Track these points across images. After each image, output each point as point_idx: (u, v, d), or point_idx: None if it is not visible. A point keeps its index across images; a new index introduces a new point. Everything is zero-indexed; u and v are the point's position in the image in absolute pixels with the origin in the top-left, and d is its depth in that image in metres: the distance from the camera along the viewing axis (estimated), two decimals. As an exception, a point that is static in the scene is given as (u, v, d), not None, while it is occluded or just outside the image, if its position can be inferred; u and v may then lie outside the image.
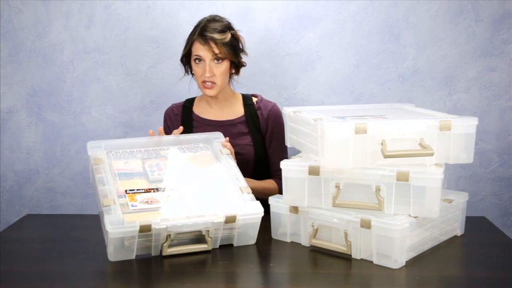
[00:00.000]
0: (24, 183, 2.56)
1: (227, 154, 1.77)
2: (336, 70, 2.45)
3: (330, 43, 2.43)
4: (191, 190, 1.62)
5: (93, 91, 2.49)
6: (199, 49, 1.94)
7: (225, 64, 1.95)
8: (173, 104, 2.13)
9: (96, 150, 1.70)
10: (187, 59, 2.03)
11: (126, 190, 1.58)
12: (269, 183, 2.02)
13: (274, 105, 2.09)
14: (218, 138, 1.84)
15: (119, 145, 1.74)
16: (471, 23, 2.38)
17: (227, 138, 1.86)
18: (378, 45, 2.42)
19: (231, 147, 1.84)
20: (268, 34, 2.43)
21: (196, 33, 1.95)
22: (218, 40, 1.92)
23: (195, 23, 2.29)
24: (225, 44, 1.93)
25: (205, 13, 2.14)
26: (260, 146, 2.05)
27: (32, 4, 2.44)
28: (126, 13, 2.44)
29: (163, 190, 1.60)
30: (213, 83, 1.95)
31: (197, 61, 1.95)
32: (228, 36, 1.94)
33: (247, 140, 2.04)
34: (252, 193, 1.65)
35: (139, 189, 1.59)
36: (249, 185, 1.72)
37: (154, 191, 1.60)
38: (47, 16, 2.45)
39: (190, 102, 2.13)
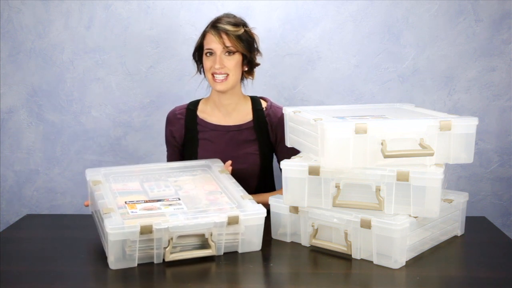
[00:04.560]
0: (24, 183, 2.56)
1: (226, 174, 1.77)
2: (336, 70, 2.45)
3: (330, 43, 2.43)
4: (193, 199, 1.62)
5: (93, 91, 2.49)
6: (210, 41, 1.90)
7: (237, 58, 1.90)
8: (176, 108, 2.06)
9: (94, 175, 1.74)
10: (199, 54, 1.98)
11: (125, 202, 1.58)
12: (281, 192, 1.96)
13: None
14: (218, 165, 1.83)
15: (117, 172, 1.78)
16: (471, 23, 2.38)
17: (230, 161, 1.84)
18: (378, 45, 2.42)
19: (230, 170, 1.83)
20: (268, 34, 2.43)
21: (209, 25, 1.93)
22: (230, 31, 1.88)
23: (195, 23, 2.29)
24: (237, 37, 1.89)
25: (205, 13, 2.14)
26: (266, 155, 2.00)
27: (32, 4, 2.44)
28: (126, 13, 2.44)
29: (164, 200, 1.60)
30: (225, 75, 1.89)
31: (208, 54, 1.91)
32: (241, 30, 1.90)
33: (253, 148, 1.98)
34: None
35: (139, 200, 1.59)
36: (260, 199, 1.74)
37: (154, 202, 1.60)
38: (47, 16, 2.45)
39: (194, 105, 2.05)
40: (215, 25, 1.91)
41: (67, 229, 1.83)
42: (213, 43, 1.89)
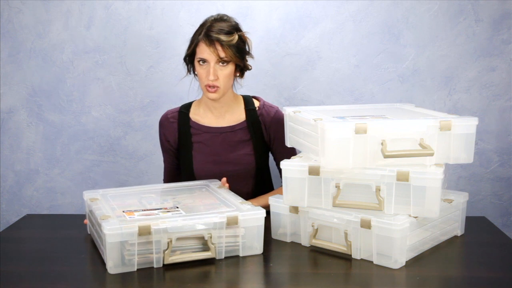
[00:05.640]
0: (24, 183, 2.56)
1: (224, 189, 1.78)
2: (336, 70, 2.45)
3: (330, 43, 2.43)
4: (191, 208, 1.61)
5: (93, 91, 2.49)
6: (203, 51, 1.83)
7: (230, 67, 1.85)
8: (168, 111, 2.04)
9: (92, 194, 1.75)
10: (190, 58, 1.92)
11: (123, 211, 1.57)
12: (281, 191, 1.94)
13: (277, 111, 1.99)
14: (216, 183, 1.84)
15: (115, 192, 1.79)
16: (471, 23, 2.38)
17: (225, 178, 1.84)
18: (378, 45, 2.42)
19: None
20: (268, 34, 2.43)
21: (202, 33, 1.84)
22: (224, 42, 1.81)
23: (195, 23, 2.29)
24: (231, 46, 1.82)
25: (205, 13, 2.13)
26: (262, 155, 1.99)
27: (32, 4, 2.45)
28: (126, 13, 2.44)
29: (162, 209, 1.60)
30: (216, 87, 1.85)
31: (201, 62, 1.85)
32: (235, 38, 1.84)
33: (248, 148, 1.97)
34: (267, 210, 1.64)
35: (137, 210, 1.59)
36: (260, 203, 1.76)
37: (152, 210, 1.59)
38: (47, 16, 2.45)
39: (186, 108, 2.02)
40: (208, 34, 1.83)
41: (67, 229, 1.83)
42: (206, 53, 1.83)
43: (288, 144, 1.81)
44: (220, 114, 1.99)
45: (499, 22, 2.37)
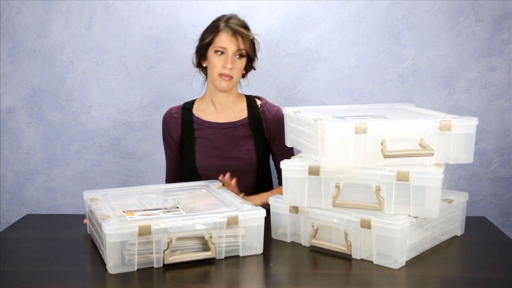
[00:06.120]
0: (24, 183, 2.56)
1: (225, 189, 1.78)
2: (336, 70, 2.45)
3: (330, 43, 2.43)
4: (191, 209, 1.61)
5: (93, 91, 2.49)
6: (224, 40, 1.89)
7: (244, 61, 1.93)
8: (171, 108, 2.07)
9: (92, 194, 1.75)
10: (204, 50, 1.95)
11: (123, 211, 1.57)
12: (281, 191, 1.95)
13: (278, 110, 2.03)
14: (216, 184, 1.85)
15: (115, 192, 1.78)
16: (471, 23, 2.38)
17: (228, 173, 1.86)
18: (378, 45, 2.42)
19: (235, 183, 1.84)
20: (268, 34, 2.43)
21: (222, 24, 1.91)
22: (245, 35, 1.90)
23: (195, 23, 2.28)
24: (249, 41, 1.92)
25: (205, 13, 2.14)
26: (263, 151, 2.01)
27: (32, 4, 2.45)
28: (126, 13, 2.44)
29: (162, 209, 1.60)
30: (230, 77, 1.91)
31: (219, 53, 1.90)
32: (251, 34, 1.94)
33: (249, 144, 1.99)
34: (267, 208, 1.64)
35: (137, 210, 1.58)
36: (261, 201, 1.79)
37: (152, 210, 1.59)
38: (47, 16, 2.45)
39: (189, 104, 2.07)
40: (229, 25, 1.90)
41: (67, 229, 1.83)
42: (228, 42, 1.89)
43: (288, 144, 1.81)
44: (223, 110, 2.02)
45: (499, 22, 2.37)
